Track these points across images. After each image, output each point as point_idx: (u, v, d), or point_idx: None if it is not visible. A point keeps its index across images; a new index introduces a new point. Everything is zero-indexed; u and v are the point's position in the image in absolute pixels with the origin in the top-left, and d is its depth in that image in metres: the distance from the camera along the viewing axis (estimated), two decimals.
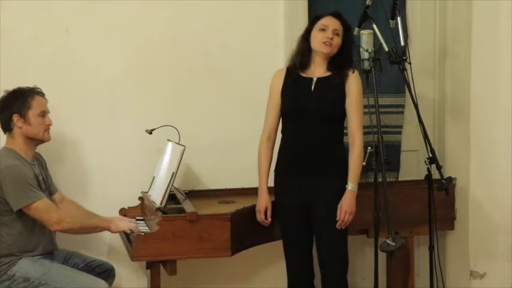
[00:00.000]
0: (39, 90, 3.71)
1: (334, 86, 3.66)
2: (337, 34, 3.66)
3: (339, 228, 3.62)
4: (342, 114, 3.67)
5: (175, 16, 4.21)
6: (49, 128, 3.72)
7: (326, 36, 3.63)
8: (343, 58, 3.67)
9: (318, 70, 3.70)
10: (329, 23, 3.66)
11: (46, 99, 3.72)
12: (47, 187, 3.74)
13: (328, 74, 3.68)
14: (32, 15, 4.06)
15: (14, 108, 3.62)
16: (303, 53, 3.71)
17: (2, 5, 4.00)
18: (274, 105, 3.74)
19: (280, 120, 3.76)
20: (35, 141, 3.70)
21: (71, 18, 4.10)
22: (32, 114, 3.64)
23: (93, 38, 4.14)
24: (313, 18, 3.74)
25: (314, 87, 3.67)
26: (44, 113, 3.69)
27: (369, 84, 3.62)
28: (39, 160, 3.78)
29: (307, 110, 3.63)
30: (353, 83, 3.66)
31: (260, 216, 3.71)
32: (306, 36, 3.72)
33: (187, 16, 4.22)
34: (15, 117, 3.62)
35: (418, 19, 4.54)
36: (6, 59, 4.00)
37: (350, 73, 3.65)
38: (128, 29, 4.17)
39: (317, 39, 3.66)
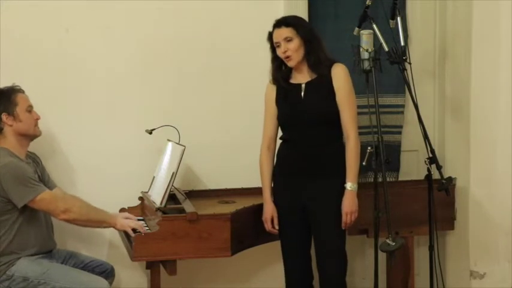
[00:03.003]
0: (18, 87, 3.71)
1: (322, 87, 3.63)
2: (289, 40, 3.59)
3: (344, 229, 3.62)
4: (337, 114, 3.64)
5: (175, 16, 4.21)
6: (37, 122, 3.73)
7: (281, 52, 3.61)
8: (314, 52, 3.62)
9: (303, 75, 3.68)
10: (277, 36, 3.63)
11: (27, 95, 3.72)
12: (44, 184, 3.73)
13: (315, 76, 3.66)
14: (32, 15, 4.06)
15: (0, 107, 3.63)
16: (279, 70, 3.69)
17: (2, 5, 4.00)
18: (270, 114, 3.73)
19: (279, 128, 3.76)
20: (27, 137, 3.70)
21: (71, 18, 4.10)
22: (20, 110, 3.65)
23: (93, 38, 4.14)
24: (269, 38, 3.69)
25: (304, 93, 3.65)
26: (30, 108, 3.71)
27: (369, 84, 3.62)
28: (32, 158, 3.78)
29: (301, 118, 3.62)
30: (340, 77, 3.62)
31: (267, 226, 3.69)
32: (274, 55, 3.68)
33: (187, 16, 4.22)
34: (3, 116, 3.63)
35: (418, 19, 4.53)
36: (6, 59, 4.00)
37: (333, 67, 3.62)
38: (128, 29, 4.17)
39: (281, 57, 3.64)
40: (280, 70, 3.70)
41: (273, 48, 3.68)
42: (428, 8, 4.53)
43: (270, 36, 3.68)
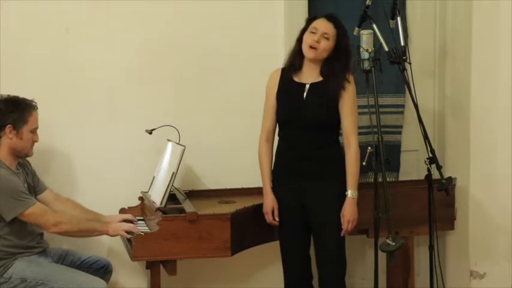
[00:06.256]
0: (35, 104, 3.65)
1: (326, 93, 3.60)
2: (327, 38, 3.57)
3: (343, 235, 3.63)
4: (336, 120, 3.64)
5: (175, 16, 4.21)
6: (34, 144, 3.67)
7: (313, 39, 3.56)
8: (335, 64, 3.59)
9: (311, 75, 3.65)
10: (320, 25, 3.59)
11: (37, 114, 3.66)
12: (32, 191, 3.70)
13: (321, 79, 3.64)
14: (32, 15, 4.05)
15: (9, 119, 3.56)
16: (295, 56, 3.66)
17: (2, 5, 4.00)
18: (270, 106, 3.72)
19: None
20: (19, 154, 3.65)
21: (71, 18, 4.10)
22: (26, 129, 3.60)
23: (93, 38, 4.13)
24: (308, 20, 3.68)
25: (306, 94, 3.64)
26: (35, 130, 3.66)
27: (368, 85, 3.62)
28: (22, 165, 3.72)
29: (300, 118, 3.61)
30: (347, 85, 3.60)
31: (268, 218, 3.68)
32: (299, 38, 3.65)
33: (187, 16, 4.22)
34: (8, 128, 3.56)
35: (418, 19, 4.53)
36: (6, 59, 3.99)
37: (345, 80, 3.59)
38: (128, 29, 4.16)
39: (306, 42, 3.59)
40: (294, 59, 3.66)
41: (304, 31, 3.62)
42: (428, 8, 4.53)
43: (312, 19, 3.64)
